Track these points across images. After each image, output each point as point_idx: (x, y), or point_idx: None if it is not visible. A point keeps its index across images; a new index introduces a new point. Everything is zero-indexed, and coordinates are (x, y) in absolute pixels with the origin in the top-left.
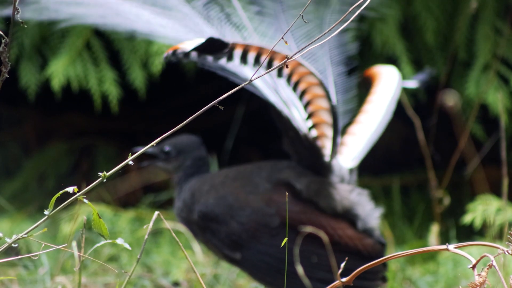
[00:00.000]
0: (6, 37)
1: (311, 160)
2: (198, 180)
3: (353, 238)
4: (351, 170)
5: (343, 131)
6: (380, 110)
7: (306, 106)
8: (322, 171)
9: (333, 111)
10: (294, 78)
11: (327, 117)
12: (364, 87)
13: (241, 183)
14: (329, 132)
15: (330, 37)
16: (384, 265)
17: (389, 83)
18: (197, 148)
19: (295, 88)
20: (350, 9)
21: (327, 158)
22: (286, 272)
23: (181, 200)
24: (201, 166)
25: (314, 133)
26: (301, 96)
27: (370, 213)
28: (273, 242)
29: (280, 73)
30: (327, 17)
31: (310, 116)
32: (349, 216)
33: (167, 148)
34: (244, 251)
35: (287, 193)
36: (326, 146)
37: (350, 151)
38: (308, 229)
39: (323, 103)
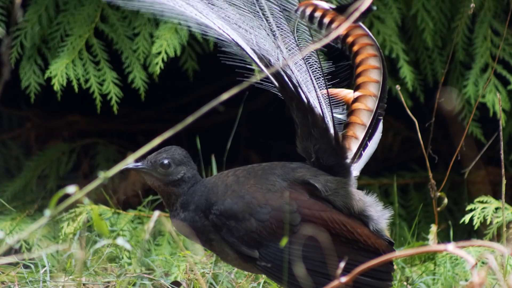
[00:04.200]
0: (6, 38)
1: (332, 161)
2: (206, 185)
3: (370, 237)
4: (355, 177)
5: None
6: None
7: (353, 101)
8: (339, 173)
9: (376, 112)
10: (357, 60)
11: (365, 119)
12: None
13: (256, 181)
14: (360, 134)
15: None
16: (392, 264)
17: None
18: (191, 159)
19: (356, 77)
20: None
21: (348, 160)
22: (287, 271)
23: (191, 210)
24: (197, 176)
25: (343, 132)
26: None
27: (381, 214)
28: (293, 239)
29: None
30: None
31: (350, 113)
32: (362, 217)
33: (166, 161)
34: (263, 249)
35: (304, 191)
36: (352, 148)
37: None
38: (330, 228)
39: (369, 103)
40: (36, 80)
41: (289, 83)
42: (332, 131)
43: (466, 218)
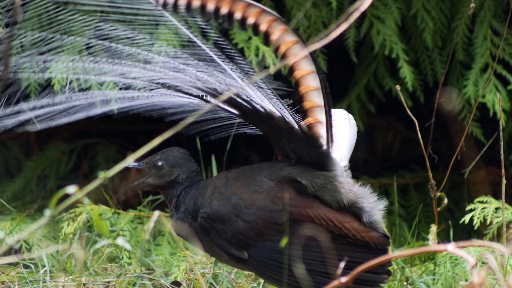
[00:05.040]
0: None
1: (310, 153)
2: (198, 188)
3: (360, 231)
4: (345, 168)
5: None
6: (346, 130)
7: (296, 86)
8: (324, 163)
9: (322, 87)
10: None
11: (318, 100)
12: None
13: (243, 182)
14: (321, 116)
15: (332, 38)
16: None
17: (341, 115)
18: (189, 160)
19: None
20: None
21: (325, 146)
22: (287, 269)
23: (181, 212)
24: (195, 177)
25: (307, 121)
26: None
27: (374, 205)
28: (280, 238)
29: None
30: None
31: (301, 100)
32: (354, 209)
33: (159, 162)
34: (251, 249)
35: (291, 189)
36: (322, 133)
37: (337, 153)
38: (317, 224)
39: (312, 82)
40: (36, 80)
41: (242, 102)
42: (296, 126)
43: (466, 218)
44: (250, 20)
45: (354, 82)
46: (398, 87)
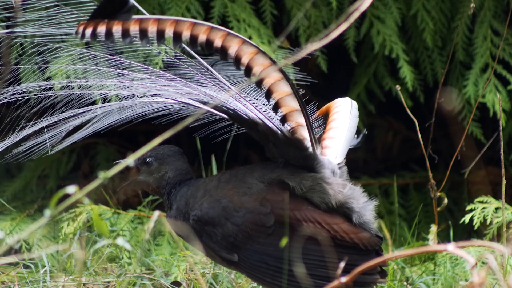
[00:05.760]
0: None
1: (297, 156)
2: (190, 187)
3: (348, 232)
4: (339, 165)
5: (319, 140)
6: (345, 123)
7: (268, 95)
8: (312, 165)
9: (294, 91)
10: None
11: (293, 103)
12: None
13: (234, 185)
14: (301, 119)
15: (332, 38)
16: (380, 255)
17: (343, 105)
18: (178, 159)
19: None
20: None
21: (310, 148)
22: (286, 271)
23: (174, 210)
24: (184, 175)
25: (289, 125)
26: (267, 94)
27: (364, 206)
28: (269, 241)
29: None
30: None
31: (277, 107)
32: (343, 210)
33: (149, 159)
34: (241, 252)
35: (281, 191)
36: (305, 136)
37: (333, 150)
38: (304, 226)
39: (284, 88)
40: (38, 78)
41: (228, 110)
42: (279, 131)
43: (466, 218)
44: (201, 38)
45: (354, 82)
46: (398, 87)
